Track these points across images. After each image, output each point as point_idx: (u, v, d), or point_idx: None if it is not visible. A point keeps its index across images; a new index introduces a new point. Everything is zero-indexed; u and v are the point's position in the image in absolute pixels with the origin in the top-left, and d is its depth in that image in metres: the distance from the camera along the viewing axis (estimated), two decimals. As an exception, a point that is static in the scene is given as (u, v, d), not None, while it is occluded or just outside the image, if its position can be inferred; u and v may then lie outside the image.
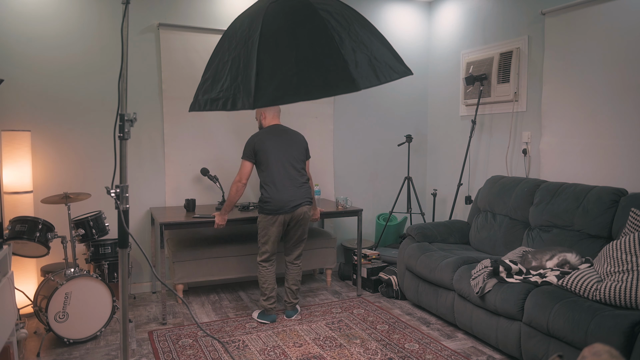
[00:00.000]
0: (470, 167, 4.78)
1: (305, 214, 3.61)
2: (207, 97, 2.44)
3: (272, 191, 3.50)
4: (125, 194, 1.79)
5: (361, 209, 4.25)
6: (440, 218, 5.20)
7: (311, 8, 2.26)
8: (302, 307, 3.95)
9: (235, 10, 4.46)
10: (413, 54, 5.31)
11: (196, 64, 4.35)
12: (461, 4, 4.90)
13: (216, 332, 3.47)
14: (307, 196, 3.62)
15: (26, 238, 3.17)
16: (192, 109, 2.61)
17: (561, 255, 3.05)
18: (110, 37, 4.11)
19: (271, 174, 3.51)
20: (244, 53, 2.26)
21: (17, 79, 3.86)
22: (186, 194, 4.40)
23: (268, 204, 3.51)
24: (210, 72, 2.50)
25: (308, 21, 2.28)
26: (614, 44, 3.43)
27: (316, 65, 2.23)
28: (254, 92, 2.17)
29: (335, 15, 2.27)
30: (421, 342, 3.26)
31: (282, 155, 3.55)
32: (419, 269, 3.72)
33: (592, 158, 3.61)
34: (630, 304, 2.46)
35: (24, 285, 3.65)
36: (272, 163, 3.51)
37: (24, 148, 3.68)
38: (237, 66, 2.28)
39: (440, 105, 5.26)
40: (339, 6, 2.37)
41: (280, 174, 3.52)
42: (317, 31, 2.26)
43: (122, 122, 1.76)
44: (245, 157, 3.57)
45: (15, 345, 2.75)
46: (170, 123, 4.33)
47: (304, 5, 2.28)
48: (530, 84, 4.12)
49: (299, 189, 3.57)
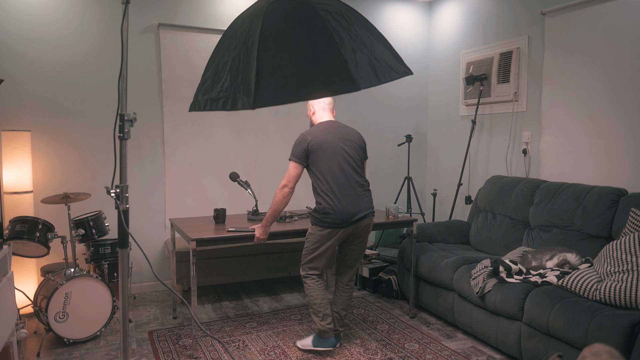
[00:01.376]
0: (470, 167, 4.78)
1: (368, 226, 3.10)
2: (207, 97, 2.44)
3: (333, 201, 2.95)
4: (125, 194, 1.79)
5: (415, 219, 3.68)
6: (440, 218, 5.20)
7: (311, 8, 2.26)
8: (303, 307, 3.95)
9: (235, 10, 4.46)
10: (413, 54, 5.31)
11: (196, 64, 4.35)
12: (461, 4, 4.90)
13: (216, 332, 3.47)
14: (371, 206, 3.10)
15: (26, 238, 3.17)
16: (192, 109, 2.61)
17: (561, 255, 3.05)
18: (110, 37, 4.11)
19: (330, 180, 2.98)
20: (244, 53, 2.26)
21: (17, 79, 3.86)
22: (187, 194, 4.40)
23: (328, 215, 2.95)
24: (210, 72, 2.50)
25: (308, 21, 2.28)
26: (614, 44, 3.43)
27: (316, 65, 2.23)
28: (254, 92, 2.17)
29: (335, 15, 2.27)
30: (421, 342, 3.26)
31: (341, 157, 3.02)
32: (419, 269, 3.72)
33: (592, 158, 3.61)
34: (630, 304, 2.46)
35: (24, 285, 3.65)
36: (329, 166, 2.99)
37: (24, 148, 3.68)
38: (237, 66, 2.28)
39: (440, 105, 5.26)
40: (339, 6, 2.37)
41: (341, 180, 2.99)
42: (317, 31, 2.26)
43: (122, 122, 1.76)
44: (294, 158, 3.05)
45: (15, 345, 2.75)
46: (170, 123, 4.33)
47: (304, 5, 2.28)
48: (530, 84, 4.12)
49: (363, 198, 3.04)
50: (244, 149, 4.60)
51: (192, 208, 4.42)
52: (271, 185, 4.70)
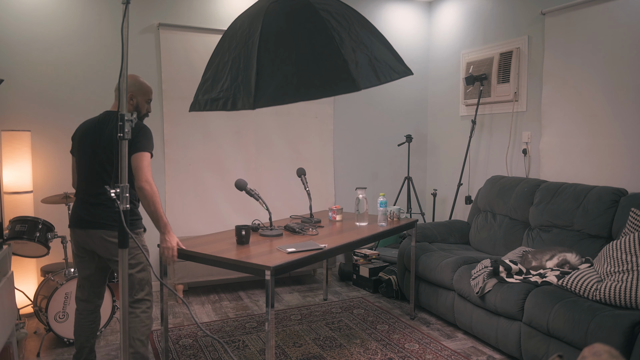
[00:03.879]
0: (470, 167, 4.78)
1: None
2: (208, 97, 2.44)
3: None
4: (125, 194, 1.79)
5: (416, 219, 3.66)
6: (440, 218, 5.20)
7: (311, 8, 2.26)
8: (303, 307, 3.95)
9: (235, 10, 4.46)
10: (413, 54, 5.31)
11: (196, 64, 4.35)
12: (461, 4, 4.90)
13: (216, 332, 3.47)
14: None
15: (26, 238, 3.17)
16: (192, 109, 2.61)
17: (561, 255, 3.05)
18: (110, 37, 4.11)
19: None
20: (244, 53, 2.26)
21: (17, 79, 3.86)
22: (187, 194, 4.40)
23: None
24: (211, 72, 2.50)
25: (308, 21, 2.28)
26: (614, 44, 3.43)
27: (316, 65, 2.23)
28: (254, 92, 2.17)
29: (336, 16, 2.27)
30: (421, 342, 3.26)
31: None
32: (419, 269, 3.72)
33: (592, 158, 3.61)
34: (630, 304, 2.46)
35: (24, 285, 3.65)
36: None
37: (24, 148, 3.68)
38: (238, 66, 2.28)
39: (440, 105, 5.26)
40: (339, 6, 2.37)
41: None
42: (317, 31, 2.26)
43: (122, 122, 1.75)
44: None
45: (15, 345, 2.75)
46: (170, 123, 4.33)
47: (304, 5, 2.28)
48: (530, 84, 4.12)
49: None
50: (244, 149, 4.60)
51: (193, 208, 4.43)
52: (271, 186, 4.70)
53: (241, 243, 2.78)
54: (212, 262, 2.54)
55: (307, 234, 3.04)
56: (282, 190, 4.77)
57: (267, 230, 3.05)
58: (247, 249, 2.66)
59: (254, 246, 2.72)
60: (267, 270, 2.27)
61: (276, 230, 3.05)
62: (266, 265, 2.29)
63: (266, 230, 3.04)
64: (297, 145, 4.82)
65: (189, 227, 4.40)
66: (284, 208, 4.71)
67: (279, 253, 2.54)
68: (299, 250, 2.57)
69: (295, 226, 3.12)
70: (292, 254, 2.53)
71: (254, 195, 3.10)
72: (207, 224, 4.44)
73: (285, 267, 2.38)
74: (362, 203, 3.42)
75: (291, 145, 4.81)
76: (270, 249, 2.65)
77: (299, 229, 3.09)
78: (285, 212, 4.70)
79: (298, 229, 3.08)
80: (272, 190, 4.71)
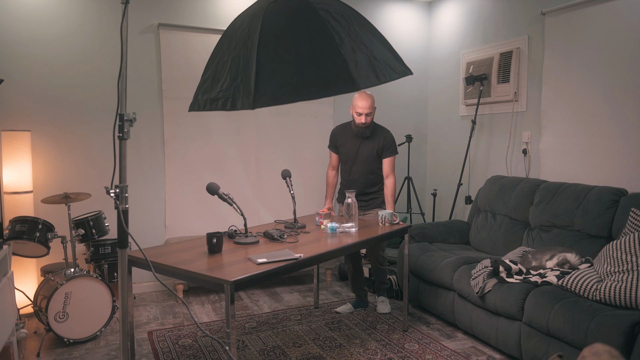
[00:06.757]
0: (470, 167, 4.78)
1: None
2: (207, 97, 2.44)
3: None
4: (125, 194, 1.79)
5: (409, 225, 3.53)
6: (440, 218, 5.20)
7: (311, 8, 2.26)
8: (302, 307, 3.95)
9: (235, 10, 4.46)
10: (413, 54, 5.31)
11: (196, 64, 4.35)
12: (461, 4, 4.90)
13: (216, 332, 3.47)
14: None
15: (26, 238, 3.17)
16: (192, 108, 2.61)
17: (561, 255, 3.05)
18: (110, 37, 4.11)
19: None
20: (243, 53, 2.25)
21: (17, 79, 3.86)
22: (187, 194, 4.40)
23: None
24: (210, 72, 2.50)
25: (308, 21, 2.27)
26: (614, 44, 3.43)
27: (316, 65, 2.23)
28: (254, 92, 2.16)
29: (335, 15, 2.27)
30: (421, 342, 3.26)
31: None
32: (419, 269, 3.72)
33: (592, 158, 3.61)
34: (630, 304, 2.46)
35: (24, 285, 3.65)
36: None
37: (24, 148, 3.68)
38: (237, 66, 2.28)
39: (440, 105, 5.25)
40: (339, 6, 2.37)
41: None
42: (317, 31, 2.25)
43: (122, 122, 1.76)
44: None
45: (15, 345, 2.75)
46: (170, 123, 4.33)
47: (304, 5, 2.27)
48: (530, 84, 4.12)
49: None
50: (244, 149, 4.60)
51: (193, 208, 4.42)
52: (271, 186, 4.70)
53: (212, 252, 2.59)
54: (171, 273, 2.39)
55: (285, 242, 2.84)
56: (282, 191, 4.76)
57: (242, 237, 2.85)
58: (217, 258, 2.50)
59: (226, 255, 2.56)
60: (227, 285, 2.11)
61: (252, 237, 2.85)
62: (225, 279, 2.12)
63: (241, 238, 2.84)
64: (297, 145, 4.82)
65: (188, 227, 4.40)
66: (284, 208, 4.70)
67: (248, 264, 2.37)
68: (271, 261, 2.39)
69: (274, 232, 2.92)
70: (262, 265, 2.35)
71: (227, 200, 2.93)
72: (207, 224, 4.44)
73: (248, 280, 2.20)
74: (351, 207, 3.21)
75: (291, 145, 4.80)
76: (243, 258, 2.50)
77: (277, 235, 2.87)
78: (286, 212, 4.69)
79: (277, 236, 2.87)
80: (272, 189, 4.71)
